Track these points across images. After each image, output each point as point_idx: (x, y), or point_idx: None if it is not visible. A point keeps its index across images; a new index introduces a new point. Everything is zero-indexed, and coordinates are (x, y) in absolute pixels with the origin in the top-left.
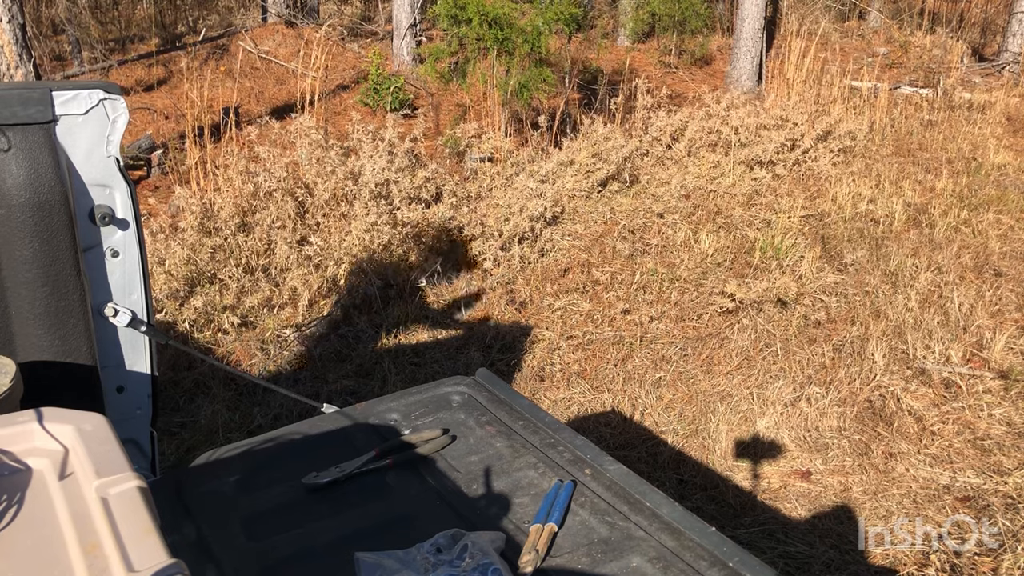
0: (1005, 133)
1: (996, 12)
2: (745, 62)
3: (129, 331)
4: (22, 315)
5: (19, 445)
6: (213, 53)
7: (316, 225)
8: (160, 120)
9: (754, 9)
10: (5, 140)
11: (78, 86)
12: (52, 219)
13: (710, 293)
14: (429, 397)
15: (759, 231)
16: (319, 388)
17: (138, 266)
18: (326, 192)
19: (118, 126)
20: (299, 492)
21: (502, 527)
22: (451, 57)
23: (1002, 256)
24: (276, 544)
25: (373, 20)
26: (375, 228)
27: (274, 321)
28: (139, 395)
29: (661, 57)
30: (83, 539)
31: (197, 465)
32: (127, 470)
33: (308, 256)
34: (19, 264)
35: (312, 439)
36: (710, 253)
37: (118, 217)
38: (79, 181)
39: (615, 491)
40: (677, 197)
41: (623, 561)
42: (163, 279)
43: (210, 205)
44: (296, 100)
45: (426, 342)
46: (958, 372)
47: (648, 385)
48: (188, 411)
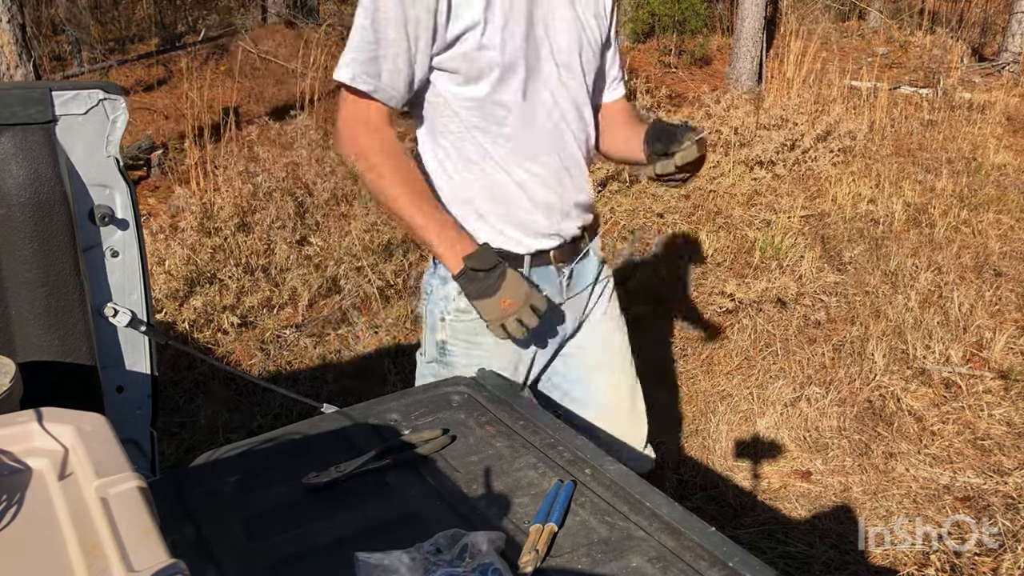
0: (1005, 133)
1: (996, 12)
2: (745, 62)
3: (129, 331)
4: (22, 315)
5: (19, 445)
6: (213, 53)
7: (316, 225)
8: (160, 120)
9: (754, 9)
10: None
11: (78, 86)
12: (52, 219)
13: (710, 293)
14: (429, 397)
15: (759, 231)
16: (319, 388)
17: (138, 266)
18: (326, 192)
19: (118, 126)
20: (299, 492)
21: (502, 527)
22: None
23: (1002, 256)
24: (276, 544)
25: None
26: (375, 228)
27: (274, 321)
28: (139, 395)
29: (661, 57)
30: (83, 539)
31: (197, 465)
32: (127, 470)
33: (308, 256)
34: (19, 264)
35: (312, 439)
36: (710, 253)
37: (118, 217)
38: (79, 181)
39: (615, 491)
40: (677, 197)
41: (623, 561)
42: (163, 279)
43: (210, 205)
44: (296, 100)
45: None
46: (958, 372)
47: (648, 385)
48: (188, 411)
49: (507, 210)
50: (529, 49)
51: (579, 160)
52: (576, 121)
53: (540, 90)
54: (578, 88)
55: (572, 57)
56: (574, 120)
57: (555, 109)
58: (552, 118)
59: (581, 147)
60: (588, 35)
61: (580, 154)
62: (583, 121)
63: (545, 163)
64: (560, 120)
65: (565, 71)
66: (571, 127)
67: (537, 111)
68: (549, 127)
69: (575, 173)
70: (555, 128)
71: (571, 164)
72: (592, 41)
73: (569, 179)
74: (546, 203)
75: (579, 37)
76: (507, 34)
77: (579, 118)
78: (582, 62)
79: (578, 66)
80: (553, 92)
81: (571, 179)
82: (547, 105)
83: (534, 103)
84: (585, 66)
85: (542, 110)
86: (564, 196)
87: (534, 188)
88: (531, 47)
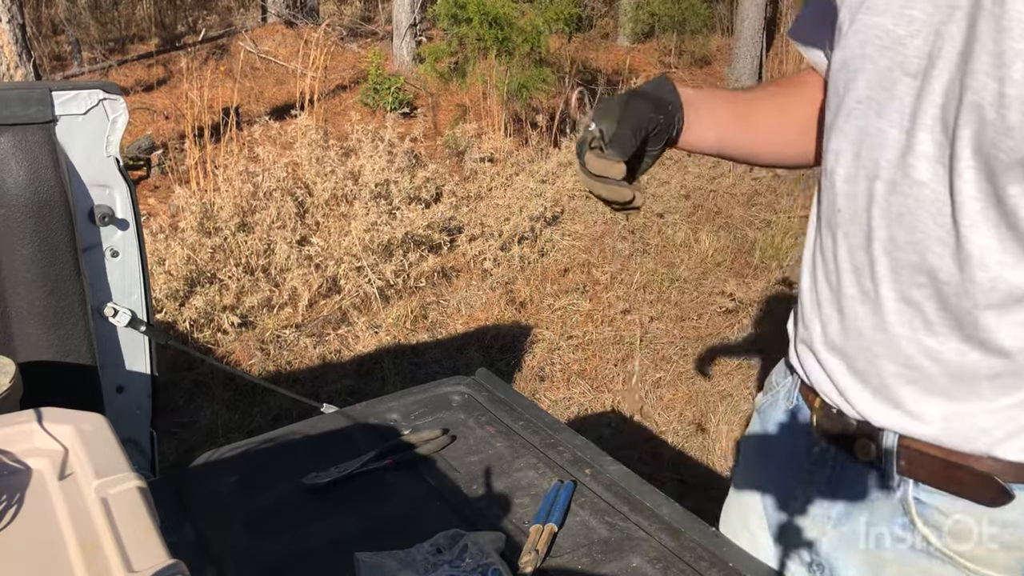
0: None
1: None
2: (745, 62)
3: (129, 331)
4: (21, 315)
5: (19, 445)
6: (213, 53)
7: (316, 225)
8: (160, 120)
9: (754, 9)
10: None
11: (78, 86)
12: (52, 219)
13: (710, 293)
14: (429, 397)
15: (759, 231)
16: (319, 388)
17: (138, 266)
18: (326, 192)
19: (118, 126)
20: (299, 492)
21: (502, 527)
22: (451, 57)
23: None
24: (276, 544)
25: (373, 20)
26: (375, 228)
27: (274, 321)
28: (139, 395)
29: (661, 57)
30: (82, 539)
31: (197, 465)
32: (127, 470)
33: (308, 256)
34: (18, 264)
35: (312, 439)
36: (710, 253)
37: (118, 217)
38: (79, 181)
39: (615, 491)
40: (677, 197)
41: (623, 561)
42: (163, 279)
43: (210, 205)
44: (296, 100)
45: (426, 342)
46: None
47: (648, 385)
48: (188, 411)
49: None
50: None
51: None
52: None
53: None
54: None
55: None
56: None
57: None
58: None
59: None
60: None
61: None
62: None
63: None
64: None
65: None
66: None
67: None
68: None
69: None
70: None
71: None
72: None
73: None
74: None
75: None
76: None
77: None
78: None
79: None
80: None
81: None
82: None
83: None
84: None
85: None
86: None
87: None
88: None
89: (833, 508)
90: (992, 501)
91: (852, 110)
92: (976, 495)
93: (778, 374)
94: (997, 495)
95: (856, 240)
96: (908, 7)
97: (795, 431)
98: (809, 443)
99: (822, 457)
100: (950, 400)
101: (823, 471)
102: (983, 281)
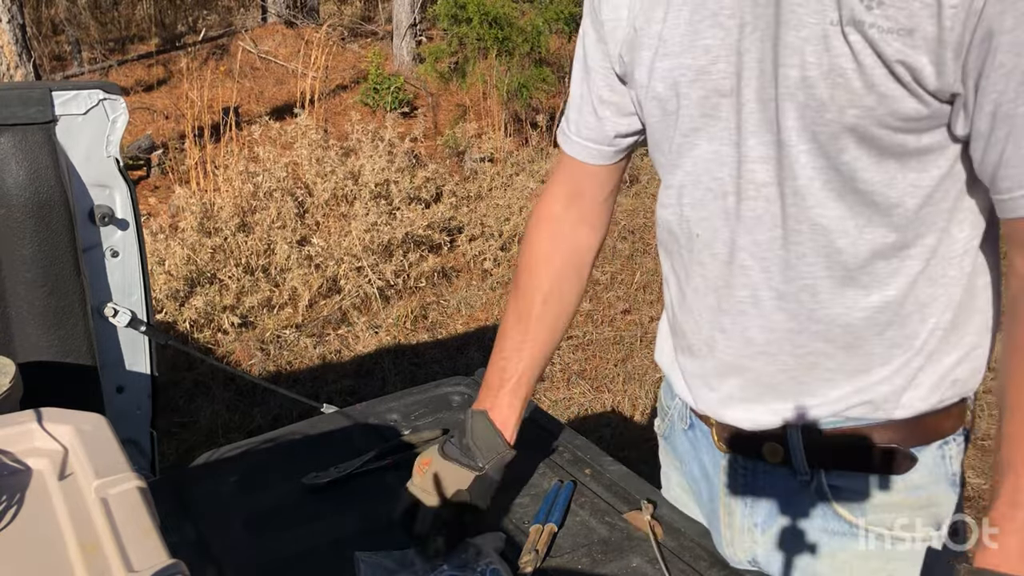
0: None
1: None
2: None
3: (129, 331)
4: (21, 315)
5: (19, 445)
6: (213, 53)
7: (316, 225)
8: (160, 120)
9: None
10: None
11: (78, 86)
12: (52, 219)
13: None
14: (429, 397)
15: None
16: (319, 388)
17: (138, 266)
18: (326, 192)
19: (118, 126)
20: (299, 492)
21: (502, 527)
22: (451, 57)
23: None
24: (276, 544)
25: (373, 20)
26: (375, 228)
27: (274, 321)
28: (139, 395)
29: None
30: (82, 539)
31: (197, 465)
32: (127, 470)
33: (308, 256)
34: (18, 264)
35: (312, 439)
36: None
37: (118, 217)
38: (79, 181)
39: (615, 491)
40: None
41: (623, 561)
42: (163, 279)
43: (210, 205)
44: (296, 100)
45: (426, 342)
46: None
47: (648, 385)
48: (188, 411)
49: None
50: None
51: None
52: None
53: None
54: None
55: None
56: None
57: None
58: None
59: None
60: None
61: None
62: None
63: None
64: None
65: None
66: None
67: None
68: None
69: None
70: None
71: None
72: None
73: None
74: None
75: None
76: None
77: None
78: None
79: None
80: None
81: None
82: None
83: None
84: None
85: None
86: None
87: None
88: None
89: (756, 515)
90: (898, 467)
91: (681, 145)
92: (884, 467)
93: (666, 396)
94: (902, 461)
95: (722, 257)
96: (699, 39)
97: (700, 449)
98: (716, 456)
99: (731, 468)
100: (848, 376)
101: (736, 481)
102: (846, 247)
